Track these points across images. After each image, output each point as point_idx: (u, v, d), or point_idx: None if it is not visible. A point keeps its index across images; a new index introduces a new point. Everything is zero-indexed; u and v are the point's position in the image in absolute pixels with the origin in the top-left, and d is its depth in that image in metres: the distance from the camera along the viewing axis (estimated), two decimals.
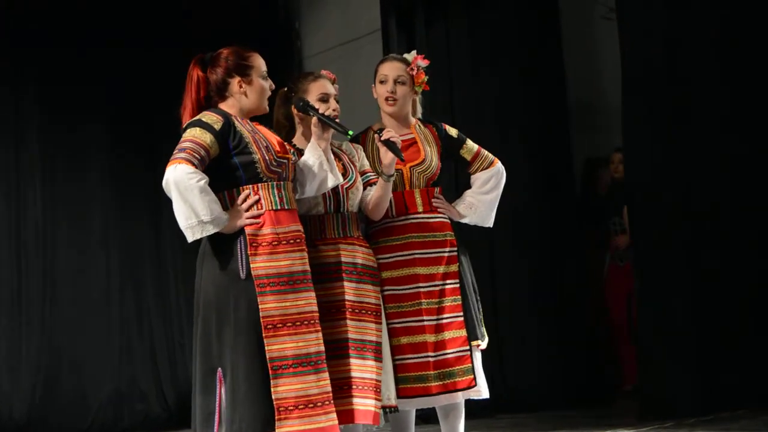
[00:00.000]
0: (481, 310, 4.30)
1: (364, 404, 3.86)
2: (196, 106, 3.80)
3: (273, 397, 3.56)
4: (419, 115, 4.44)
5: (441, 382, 4.12)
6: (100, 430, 7.09)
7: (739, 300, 5.75)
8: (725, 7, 5.82)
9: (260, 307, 3.60)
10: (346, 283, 3.95)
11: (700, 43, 5.83)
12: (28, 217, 7.02)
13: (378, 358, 3.96)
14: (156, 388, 7.40)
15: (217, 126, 3.70)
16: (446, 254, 4.23)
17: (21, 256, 6.96)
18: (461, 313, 4.19)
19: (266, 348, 3.58)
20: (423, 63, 4.34)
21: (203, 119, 3.72)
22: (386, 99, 4.27)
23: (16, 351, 6.86)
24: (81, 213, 7.26)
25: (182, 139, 3.68)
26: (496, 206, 4.45)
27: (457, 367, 4.13)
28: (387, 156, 4.00)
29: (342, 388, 3.84)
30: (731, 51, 5.81)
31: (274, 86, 3.89)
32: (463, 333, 4.17)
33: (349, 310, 3.94)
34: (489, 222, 4.47)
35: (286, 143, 3.95)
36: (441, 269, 4.21)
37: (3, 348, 6.84)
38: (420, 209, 4.24)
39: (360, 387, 3.88)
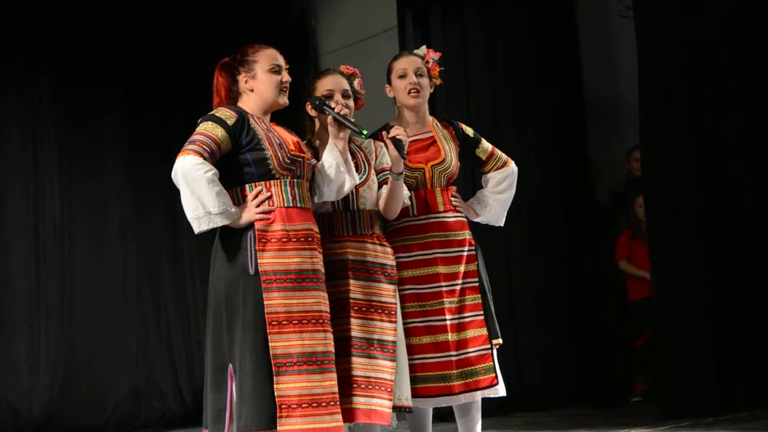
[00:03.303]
0: (493, 308, 4.30)
1: (366, 403, 3.83)
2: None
3: (275, 394, 3.56)
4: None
5: (463, 381, 4.12)
6: (117, 427, 7.10)
7: (756, 300, 5.73)
8: (742, 3, 5.79)
9: (265, 303, 3.60)
10: (351, 281, 3.94)
11: (717, 39, 5.80)
12: (46, 213, 7.04)
13: (389, 357, 3.93)
14: (173, 385, 7.42)
15: (230, 121, 3.71)
16: (465, 253, 4.23)
17: (39, 252, 6.98)
18: (481, 312, 4.20)
19: (270, 345, 3.58)
20: (435, 55, 4.37)
21: (217, 114, 3.74)
22: (409, 91, 4.26)
23: (35, 348, 6.89)
24: (98, 209, 7.29)
25: (194, 132, 3.71)
26: (508, 206, 4.45)
27: (480, 366, 4.14)
28: (392, 154, 4.00)
29: (343, 386, 3.81)
30: (749, 48, 5.78)
31: (290, 79, 3.87)
32: (484, 332, 4.18)
33: (354, 308, 3.92)
34: (501, 221, 4.50)
35: (304, 143, 3.95)
36: (461, 268, 4.21)
37: (22, 345, 6.86)
38: (441, 208, 4.24)
39: (363, 386, 3.85)
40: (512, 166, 4.44)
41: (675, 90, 5.84)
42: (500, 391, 4.18)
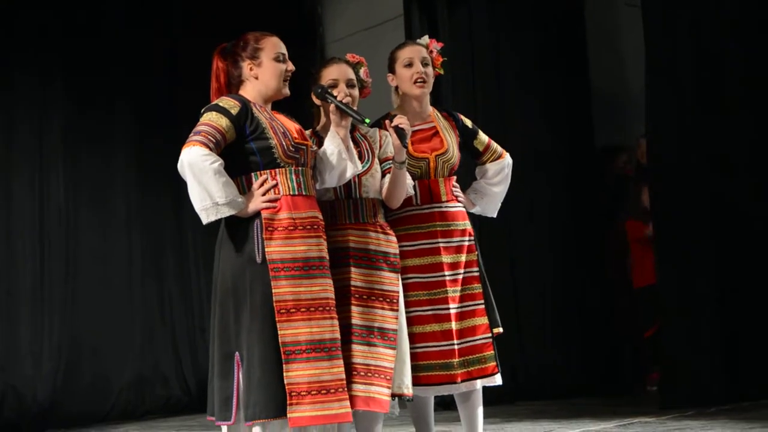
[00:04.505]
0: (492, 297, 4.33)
1: (365, 391, 3.83)
2: (218, 96, 3.82)
3: (285, 381, 3.57)
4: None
5: (466, 370, 4.13)
6: (121, 414, 7.14)
7: (762, 290, 5.72)
8: None
9: (273, 291, 3.61)
10: (353, 269, 3.94)
11: (724, 28, 5.79)
12: (51, 202, 7.06)
13: (390, 345, 3.93)
14: (177, 373, 7.45)
15: (234, 111, 3.71)
16: (466, 243, 4.25)
17: (44, 240, 7.00)
18: (482, 301, 4.22)
19: (279, 333, 3.59)
20: (438, 45, 4.37)
21: (220, 104, 3.74)
22: (416, 81, 4.26)
23: (39, 336, 6.91)
24: (103, 198, 7.31)
25: (198, 123, 3.71)
26: (503, 197, 4.49)
27: (482, 354, 4.16)
28: (395, 142, 4.01)
29: None
30: (756, 35, 5.77)
31: (293, 68, 3.87)
32: (485, 320, 4.20)
33: (355, 295, 3.92)
34: (495, 212, 4.54)
35: (306, 131, 3.96)
36: (463, 258, 4.22)
37: (26, 333, 6.89)
38: (444, 198, 4.25)
39: (362, 373, 3.85)
40: (507, 158, 4.47)
41: (682, 78, 5.83)
42: (497, 380, 4.20)
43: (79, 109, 7.21)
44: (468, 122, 4.44)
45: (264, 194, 3.69)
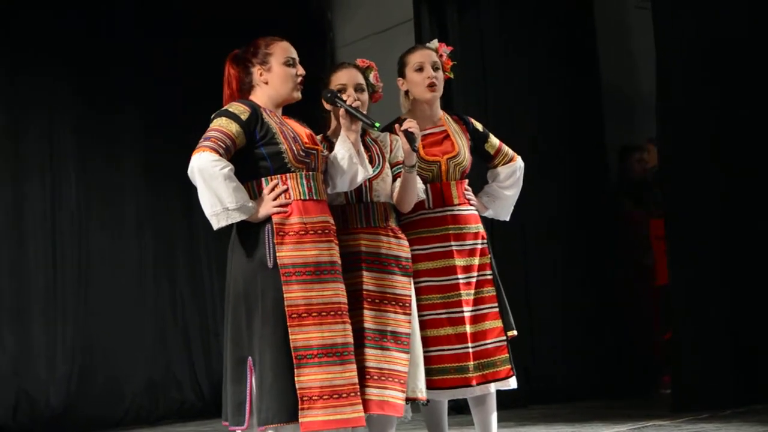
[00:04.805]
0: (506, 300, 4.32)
1: (379, 394, 3.83)
2: (230, 102, 3.82)
3: (297, 386, 3.57)
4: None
5: (480, 373, 4.13)
6: (134, 419, 7.14)
7: None
8: None
9: (285, 296, 3.61)
10: (365, 273, 3.95)
11: (734, 30, 5.78)
12: (63, 204, 7.07)
13: (403, 349, 3.93)
14: (190, 377, 7.45)
15: (244, 116, 3.72)
16: (479, 246, 4.25)
17: (56, 245, 7.01)
18: (496, 304, 4.22)
19: (290, 337, 3.59)
20: (447, 49, 4.38)
21: (230, 109, 3.75)
22: (429, 85, 4.27)
23: (52, 339, 6.92)
24: (115, 201, 7.32)
25: (208, 129, 3.72)
26: (516, 200, 4.49)
27: (496, 357, 4.16)
28: (404, 146, 4.01)
29: None
30: (765, 36, 5.76)
31: (304, 73, 3.88)
32: (500, 324, 4.20)
33: (367, 299, 3.93)
34: (507, 216, 4.54)
35: (317, 135, 3.97)
36: (476, 261, 4.23)
37: (39, 336, 6.89)
38: (456, 201, 4.26)
39: (376, 377, 3.85)
40: (519, 162, 4.48)
41: (692, 80, 5.82)
42: (512, 383, 4.20)
43: (82, 111, 7.21)
44: (479, 126, 4.44)
45: (274, 199, 3.70)
